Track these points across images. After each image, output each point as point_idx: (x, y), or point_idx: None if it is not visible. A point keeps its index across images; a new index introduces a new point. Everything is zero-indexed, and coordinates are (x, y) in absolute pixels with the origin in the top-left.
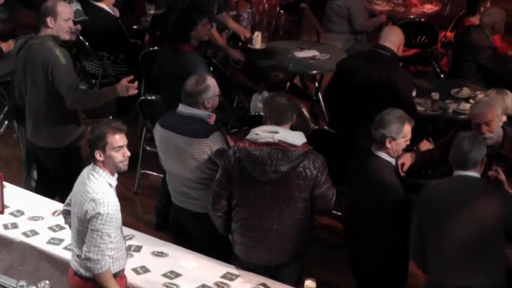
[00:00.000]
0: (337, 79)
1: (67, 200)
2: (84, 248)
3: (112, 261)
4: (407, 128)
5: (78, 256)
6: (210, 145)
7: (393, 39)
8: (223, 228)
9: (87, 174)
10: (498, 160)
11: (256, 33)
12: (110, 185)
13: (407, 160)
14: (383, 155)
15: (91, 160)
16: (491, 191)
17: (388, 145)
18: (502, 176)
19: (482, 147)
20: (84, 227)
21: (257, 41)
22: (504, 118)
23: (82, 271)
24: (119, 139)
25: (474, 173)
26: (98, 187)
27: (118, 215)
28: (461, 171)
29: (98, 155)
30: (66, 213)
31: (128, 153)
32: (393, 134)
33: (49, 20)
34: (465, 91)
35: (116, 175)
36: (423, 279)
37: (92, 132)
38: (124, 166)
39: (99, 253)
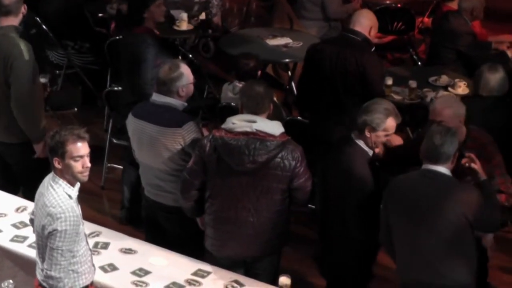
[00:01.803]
0: (307, 65)
1: (33, 209)
2: (45, 266)
3: (76, 276)
4: (391, 123)
5: (42, 270)
6: (183, 135)
7: (363, 22)
8: (191, 212)
9: (47, 184)
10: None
11: (183, 14)
12: (70, 196)
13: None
14: (360, 143)
15: (51, 167)
16: (461, 189)
17: (367, 133)
18: (477, 164)
19: (455, 141)
20: (43, 242)
21: (183, 22)
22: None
23: (46, 285)
24: (79, 148)
25: (443, 169)
26: (56, 199)
27: (78, 229)
28: (430, 165)
29: (57, 163)
30: (33, 222)
31: (89, 164)
32: (374, 124)
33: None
34: (444, 79)
35: (78, 185)
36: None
37: (52, 137)
38: (83, 177)
39: (61, 270)
